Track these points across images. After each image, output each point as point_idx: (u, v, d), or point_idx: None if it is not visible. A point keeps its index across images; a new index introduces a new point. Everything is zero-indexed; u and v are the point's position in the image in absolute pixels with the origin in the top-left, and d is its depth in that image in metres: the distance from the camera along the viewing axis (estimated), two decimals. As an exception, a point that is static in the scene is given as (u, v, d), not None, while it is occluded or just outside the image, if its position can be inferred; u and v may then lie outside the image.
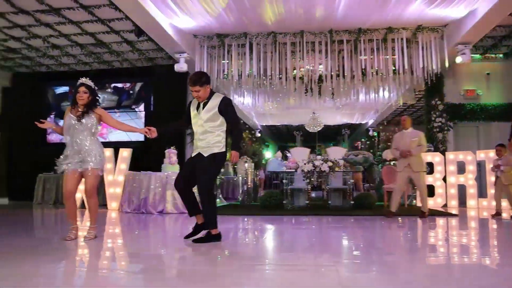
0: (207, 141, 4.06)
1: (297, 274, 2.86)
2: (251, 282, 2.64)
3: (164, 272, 2.98)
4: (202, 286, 2.53)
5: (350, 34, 8.85)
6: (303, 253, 3.74)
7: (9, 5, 7.81)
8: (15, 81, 12.14)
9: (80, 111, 4.22)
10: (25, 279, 2.66)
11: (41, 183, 10.22)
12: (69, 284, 2.64)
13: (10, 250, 3.70)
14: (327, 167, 7.79)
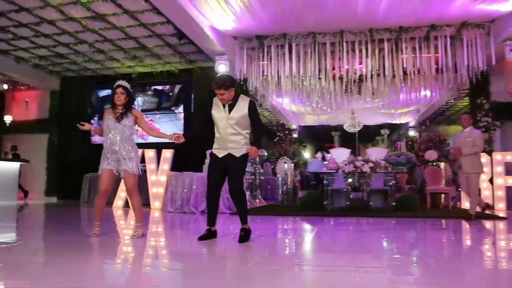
0: (237, 142, 4.14)
1: (338, 275, 2.85)
2: (291, 282, 2.65)
3: (205, 271, 3.01)
4: (241, 286, 2.55)
5: (391, 33, 8.70)
6: (343, 254, 3.72)
7: (59, 13, 8.19)
8: (63, 85, 12.67)
9: (119, 112, 4.36)
10: (73, 276, 2.78)
11: (87, 183, 10.62)
12: (114, 281, 2.74)
13: (59, 248, 3.88)
14: (368, 168, 7.69)
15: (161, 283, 2.66)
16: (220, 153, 4.19)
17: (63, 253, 3.56)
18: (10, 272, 2.88)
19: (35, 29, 9.03)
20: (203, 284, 2.60)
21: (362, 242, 4.47)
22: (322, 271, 3.01)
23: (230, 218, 6.76)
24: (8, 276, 2.76)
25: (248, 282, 2.62)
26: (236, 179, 4.14)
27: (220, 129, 4.18)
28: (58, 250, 3.72)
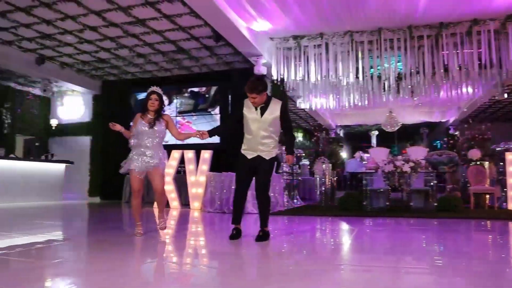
0: (268, 145, 4.21)
1: (380, 276, 2.81)
2: (330, 282, 2.64)
3: (243, 270, 3.04)
4: (279, 286, 2.56)
5: (431, 29, 8.49)
6: (384, 255, 3.67)
7: (101, 19, 8.48)
8: (104, 89, 13.09)
9: (152, 117, 4.47)
10: (113, 274, 2.87)
11: (128, 183, 10.92)
12: (155, 279, 2.82)
13: (104, 246, 4.02)
14: (409, 168, 7.54)
15: (201, 282, 2.71)
16: (250, 154, 4.23)
17: (107, 251, 3.69)
18: (60, 268, 3.02)
19: (79, 35, 9.38)
20: (241, 284, 2.63)
21: (403, 243, 4.40)
22: (364, 272, 2.99)
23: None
24: (58, 273, 2.89)
25: (287, 283, 2.63)
26: (264, 182, 4.23)
27: (252, 131, 4.22)
28: (103, 248, 3.86)
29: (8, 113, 12.68)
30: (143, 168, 4.42)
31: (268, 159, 4.20)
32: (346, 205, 8.05)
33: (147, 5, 7.83)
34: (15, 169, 10.20)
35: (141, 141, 4.44)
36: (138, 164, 4.41)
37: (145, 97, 4.57)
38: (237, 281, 2.68)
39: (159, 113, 4.54)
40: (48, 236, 4.88)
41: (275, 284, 2.57)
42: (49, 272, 2.94)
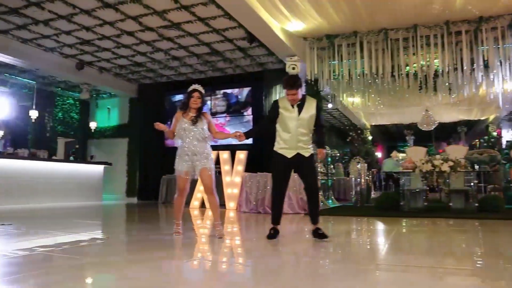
0: (305, 142, 4.26)
1: (416, 277, 2.74)
2: (368, 284, 2.61)
3: (279, 271, 3.04)
4: (318, 286, 2.55)
5: (469, 24, 8.24)
6: (422, 256, 3.59)
7: (138, 24, 8.70)
8: (140, 92, 13.42)
9: (193, 115, 4.49)
10: (156, 272, 2.94)
11: (164, 184, 11.15)
12: (194, 277, 2.87)
13: (144, 244, 4.12)
14: (448, 167, 7.35)
15: (238, 281, 2.74)
16: (289, 153, 4.24)
17: (147, 249, 3.79)
18: (100, 266, 3.12)
19: (116, 40, 9.66)
20: (274, 283, 2.63)
21: (443, 244, 4.29)
22: (402, 273, 2.94)
23: (304, 218, 6.77)
24: (98, 270, 2.99)
25: (324, 282, 2.62)
26: (314, 179, 4.32)
27: (290, 129, 4.24)
28: (143, 247, 3.96)
29: (50, 117, 13.20)
30: (190, 168, 4.41)
31: (308, 156, 4.25)
32: (383, 205, 7.93)
33: (182, 9, 7.98)
34: (57, 170, 10.60)
35: (186, 140, 4.45)
36: (185, 164, 4.41)
37: (186, 95, 4.57)
38: (277, 281, 2.69)
39: (201, 111, 4.56)
40: (91, 234, 5.05)
41: (312, 285, 2.56)
42: (92, 268, 3.05)
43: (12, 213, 7.38)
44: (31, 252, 3.52)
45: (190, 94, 4.53)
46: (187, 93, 4.58)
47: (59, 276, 2.70)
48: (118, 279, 2.69)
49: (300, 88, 4.24)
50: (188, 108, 4.52)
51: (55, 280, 2.58)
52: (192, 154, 4.40)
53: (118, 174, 13.13)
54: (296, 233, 5.15)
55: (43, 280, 2.59)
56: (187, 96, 4.55)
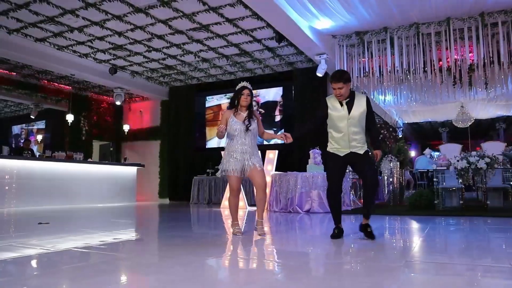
0: (358, 140, 4.09)
1: (451, 278, 2.64)
2: (399, 283, 2.54)
3: (311, 270, 3.00)
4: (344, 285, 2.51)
5: (506, 15, 7.92)
6: (458, 257, 3.47)
7: (167, 27, 8.85)
8: (171, 95, 13.65)
9: (246, 115, 4.39)
10: (187, 269, 2.97)
11: (196, 185, 11.29)
12: (226, 277, 2.88)
13: (179, 243, 4.17)
14: (484, 164, 7.10)
15: (267, 279, 2.74)
16: (342, 152, 4.12)
17: (181, 247, 3.84)
18: (136, 262, 3.19)
19: (147, 44, 9.86)
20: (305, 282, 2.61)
21: (480, 243, 4.14)
22: (438, 271, 2.85)
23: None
24: (134, 265, 3.06)
25: (353, 281, 2.58)
26: (372, 172, 4.22)
27: (341, 129, 4.08)
28: (178, 244, 4.01)
29: (85, 121, 13.61)
30: (241, 168, 4.34)
31: (363, 152, 4.09)
32: (416, 204, 7.74)
33: (210, 11, 8.06)
34: (92, 172, 10.92)
35: (238, 140, 4.37)
36: (237, 163, 4.33)
37: (235, 93, 4.46)
38: (298, 280, 2.68)
39: (251, 109, 4.47)
40: (127, 233, 5.16)
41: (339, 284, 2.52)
42: (126, 264, 3.12)
43: (51, 213, 7.64)
44: (68, 249, 3.63)
45: (239, 92, 4.42)
46: (236, 91, 4.47)
47: (93, 271, 2.78)
48: (149, 275, 2.73)
49: (348, 83, 4.04)
50: (238, 107, 4.44)
51: (89, 275, 2.66)
52: (243, 153, 4.35)
53: (151, 175, 13.39)
54: (327, 232, 5.10)
55: (76, 275, 2.67)
56: (236, 94, 4.44)
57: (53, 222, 6.04)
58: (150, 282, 2.51)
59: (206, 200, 11.03)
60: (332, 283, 2.47)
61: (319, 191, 7.57)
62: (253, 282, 2.52)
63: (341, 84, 3.99)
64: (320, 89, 10.56)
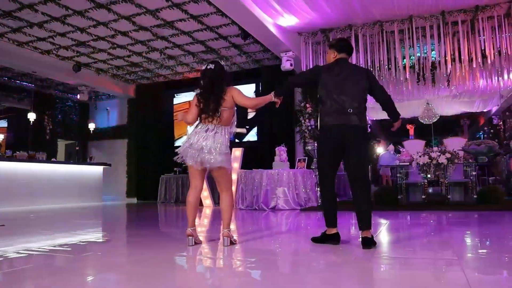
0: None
1: (416, 272, 2.68)
2: (366, 278, 2.56)
3: (278, 268, 2.99)
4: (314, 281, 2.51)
5: (465, 14, 8.13)
6: (421, 250, 3.52)
7: (131, 24, 8.68)
8: (138, 92, 13.42)
9: None
10: (154, 270, 2.91)
11: (163, 184, 11.15)
12: (187, 276, 2.83)
13: (143, 242, 4.08)
14: (445, 159, 7.26)
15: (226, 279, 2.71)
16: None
17: (146, 247, 3.75)
18: (99, 262, 3.09)
19: (111, 41, 9.65)
20: (272, 279, 2.59)
21: (442, 237, 4.21)
22: (396, 265, 2.88)
23: (305, 214, 6.72)
24: (96, 266, 2.96)
25: (321, 277, 2.58)
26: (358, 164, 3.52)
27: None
28: (143, 244, 3.92)
29: (49, 119, 13.24)
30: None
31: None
32: (381, 199, 7.84)
33: (173, 7, 7.94)
34: (57, 172, 10.62)
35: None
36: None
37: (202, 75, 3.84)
38: (266, 278, 2.65)
39: None
40: (91, 234, 5.02)
41: (306, 281, 2.51)
42: (90, 265, 3.01)
43: (11, 215, 7.38)
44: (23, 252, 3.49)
45: None
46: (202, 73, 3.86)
47: (55, 272, 2.67)
48: (113, 276, 2.65)
49: (333, 49, 3.75)
50: None
51: (50, 276, 2.55)
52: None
53: (118, 174, 13.15)
54: (293, 229, 5.10)
55: (38, 281, 2.56)
56: None
57: (11, 223, 5.83)
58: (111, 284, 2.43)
59: (173, 199, 10.90)
60: (295, 278, 2.45)
61: (284, 188, 7.58)
62: (221, 281, 2.48)
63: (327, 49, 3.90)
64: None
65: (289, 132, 10.49)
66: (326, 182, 3.63)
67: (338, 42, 3.83)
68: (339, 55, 3.72)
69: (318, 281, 2.45)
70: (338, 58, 3.71)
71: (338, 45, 3.76)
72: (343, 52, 3.73)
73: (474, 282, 2.25)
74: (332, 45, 3.79)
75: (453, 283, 2.33)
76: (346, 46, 3.78)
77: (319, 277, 2.53)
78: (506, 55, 8.24)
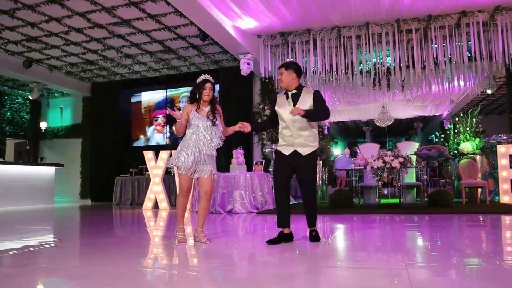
0: (306, 137, 3.92)
1: (368, 274, 2.74)
2: (321, 282, 2.58)
3: (234, 272, 2.98)
4: (272, 287, 2.50)
5: (419, 22, 8.41)
6: (374, 253, 3.60)
7: (86, 21, 8.39)
8: (93, 91, 13.01)
9: (210, 111, 4.03)
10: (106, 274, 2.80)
11: (118, 185, 10.86)
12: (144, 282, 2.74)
13: (99, 247, 3.94)
14: (398, 163, 7.47)
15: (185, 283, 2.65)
16: (286, 150, 3.97)
17: (98, 253, 3.61)
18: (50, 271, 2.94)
19: (65, 37, 9.30)
20: (229, 285, 2.56)
21: (394, 239, 4.32)
22: (356, 269, 2.91)
23: (261, 217, 6.72)
24: (48, 275, 2.81)
25: (278, 282, 2.56)
26: (311, 180, 4.01)
27: (287, 124, 3.96)
28: (95, 250, 3.78)
29: (-3, 117, 12.60)
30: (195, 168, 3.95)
31: (305, 155, 3.89)
32: (337, 202, 7.98)
33: (130, 5, 7.76)
34: (6, 173, 10.11)
35: (197, 136, 3.97)
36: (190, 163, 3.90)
37: (196, 86, 4.08)
38: (222, 283, 2.61)
39: (214, 105, 4.07)
40: (40, 239, 4.78)
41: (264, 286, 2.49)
42: (39, 274, 2.85)
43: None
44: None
45: (201, 85, 4.04)
46: (196, 84, 4.08)
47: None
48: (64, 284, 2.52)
49: (288, 69, 3.89)
50: (199, 102, 4.05)
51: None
52: (200, 152, 3.94)
53: (71, 175, 12.71)
54: (249, 232, 5.07)
55: None
56: (198, 88, 4.06)
57: None
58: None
59: (129, 201, 10.64)
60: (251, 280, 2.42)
61: (241, 191, 7.55)
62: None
63: (282, 70, 3.93)
64: (246, 88, 10.57)
65: (246, 135, 10.45)
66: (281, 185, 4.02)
67: (298, 66, 4.03)
68: (298, 80, 3.99)
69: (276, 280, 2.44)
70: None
71: (299, 69, 4.01)
72: (299, 77, 4.03)
73: (423, 285, 2.31)
74: (290, 66, 3.96)
75: (402, 286, 2.38)
76: (302, 72, 4.11)
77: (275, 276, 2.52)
78: (457, 63, 8.57)
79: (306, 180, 3.95)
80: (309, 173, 3.96)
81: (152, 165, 9.17)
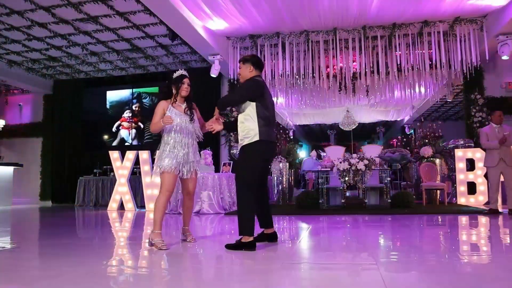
0: (240, 132, 3.77)
1: (335, 273, 2.82)
2: (288, 282, 2.63)
3: (201, 271, 2.99)
4: (239, 286, 2.53)
5: (384, 30, 8.70)
6: (340, 253, 3.69)
7: (50, 15, 8.15)
8: (56, 88, 12.62)
9: (187, 107, 3.94)
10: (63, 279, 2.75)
11: (82, 186, 10.58)
12: (108, 283, 2.71)
13: (60, 252, 3.83)
14: (363, 166, 7.67)
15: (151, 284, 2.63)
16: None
17: (58, 256, 3.52)
18: (8, 276, 2.84)
19: (27, 32, 8.99)
20: (195, 284, 2.57)
21: (359, 240, 4.44)
22: (316, 269, 2.98)
23: (229, 218, 6.73)
24: (5, 280, 2.72)
25: (245, 282, 2.59)
26: (236, 176, 3.84)
27: None
28: (55, 254, 3.68)
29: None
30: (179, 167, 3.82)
31: (240, 148, 3.76)
32: (303, 203, 8.09)
33: (98, 2, 7.60)
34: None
35: (177, 134, 3.86)
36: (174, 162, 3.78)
37: (173, 82, 3.90)
38: (189, 283, 2.60)
39: (191, 102, 3.99)
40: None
41: (230, 286, 2.51)
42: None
43: None
44: None
45: (180, 80, 3.90)
46: (174, 80, 3.91)
47: None
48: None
49: (246, 63, 3.81)
50: (176, 98, 3.92)
51: None
52: (183, 149, 3.84)
53: (31, 176, 12.26)
54: (214, 233, 5.07)
55: None
56: (176, 82, 3.90)
57: None
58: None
59: (92, 202, 10.39)
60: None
61: (209, 192, 7.54)
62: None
63: (240, 64, 3.89)
64: (214, 89, 10.56)
65: (214, 136, 10.43)
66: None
67: (256, 58, 3.92)
68: (256, 72, 3.84)
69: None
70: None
71: (257, 62, 3.87)
72: (259, 69, 3.87)
73: (389, 282, 2.40)
74: (247, 59, 3.86)
75: (371, 284, 2.46)
76: (262, 65, 3.95)
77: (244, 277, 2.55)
78: (418, 70, 8.91)
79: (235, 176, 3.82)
80: (237, 168, 3.86)
81: (118, 165, 9.00)
